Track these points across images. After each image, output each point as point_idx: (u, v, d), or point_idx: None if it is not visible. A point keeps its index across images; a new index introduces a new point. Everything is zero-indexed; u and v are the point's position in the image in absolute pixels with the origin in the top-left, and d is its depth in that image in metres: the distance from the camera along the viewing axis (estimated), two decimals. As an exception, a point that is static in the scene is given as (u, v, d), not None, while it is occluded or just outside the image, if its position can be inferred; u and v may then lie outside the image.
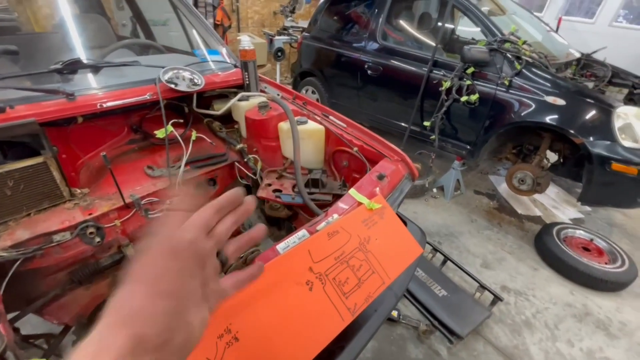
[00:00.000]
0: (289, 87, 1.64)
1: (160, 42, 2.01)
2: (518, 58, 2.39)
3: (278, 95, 1.50)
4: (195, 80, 1.34)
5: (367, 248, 0.83)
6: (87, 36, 1.67)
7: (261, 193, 1.27)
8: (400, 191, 1.10)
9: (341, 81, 3.68)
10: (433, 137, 2.88)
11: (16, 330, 1.14)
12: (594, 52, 3.07)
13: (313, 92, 4.12)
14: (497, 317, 2.02)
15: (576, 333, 1.96)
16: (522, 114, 2.38)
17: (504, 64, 2.44)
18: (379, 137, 1.25)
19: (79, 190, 1.22)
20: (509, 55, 2.42)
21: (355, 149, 1.24)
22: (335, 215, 0.88)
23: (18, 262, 0.99)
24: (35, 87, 1.06)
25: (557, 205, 3.18)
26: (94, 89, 1.20)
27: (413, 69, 2.97)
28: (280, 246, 0.76)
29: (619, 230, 2.95)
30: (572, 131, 2.18)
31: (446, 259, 2.25)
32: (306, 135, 1.30)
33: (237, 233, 0.41)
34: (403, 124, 3.19)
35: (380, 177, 1.06)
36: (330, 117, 1.37)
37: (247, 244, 0.42)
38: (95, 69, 1.26)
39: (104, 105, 1.14)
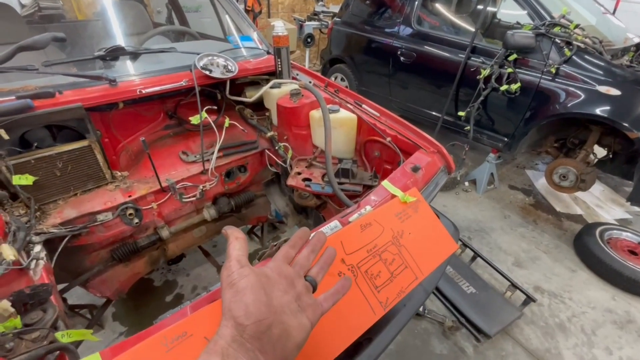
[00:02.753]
0: (318, 72, 1.61)
1: (194, 28, 2.04)
2: (568, 44, 2.20)
3: (310, 82, 1.48)
4: (229, 67, 1.35)
5: (401, 242, 0.80)
6: (126, 23, 1.72)
7: (290, 181, 1.27)
8: (435, 184, 1.06)
9: (372, 68, 3.58)
10: (468, 127, 2.75)
11: (64, 300, 1.24)
12: (657, 36, 2.77)
13: (342, 80, 4.04)
14: (528, 319, 1.93)
15: (616, 340, 1.85)
16: (569, 105, 2.21)
17: (551, 50, 2.25)
18: (414, 127, 1.20)
19: (119, 173, 1.28)
20: (558, 40, 2.23)
21: (389, 139, 1.20)
22: (368, 207, 0.86)
23: (67, 239, 1.06)
24: (81, 74, 1.11)
25: (601, 204, 2.97)
26: (133, 75, 1.24)
27: (449, 55, 2.82)
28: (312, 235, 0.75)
29: (672, 234, 2.70)
30: (626, 124, 1.99)
31: (476, 255, 2.17)
32: (338, 123, 1.27)
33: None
34: (436, 114, 3.06)
35: (415, 170, 1.02)
36: (363, 105, 1.33)
37: (327, 265, 0.51)
38: (135, 55, 1.29)
39: (144, 92, 1.17)
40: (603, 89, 2.07)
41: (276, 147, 1.41)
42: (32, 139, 1.06)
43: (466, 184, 3.02)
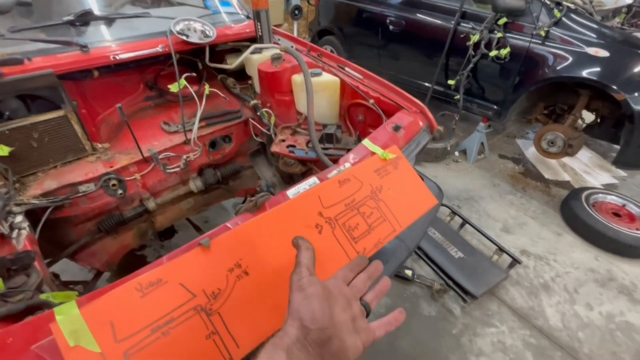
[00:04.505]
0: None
1: None
2: (558, 4, 2.15)
3: (292, 47, 1.44)
4: (207, 32, 1.30)
5: (379, 197, 0.81)
6: None
7: (274, 148, 1.26)
8: (417, 143, 1.06)
9: (361, 39, 3.49)
10: (457, 97, 2.72)
11: (56, 275, 1.24)
12: (650, -3, 2.71)
13: (332, 52, 3.94)
14: (514, 280, 2.00)
15: (597, 297, 1.92)
16: (558, 69, 2.19)
17: (541, 12, 2.21)
18: (398, 89, 1.18)
19: (100, 145, 1.25)
20: (547, 1, 2.17)
21: (372, 101, 1.19)
22: (347, 164, 0.87)
23: (49, 210, 1.05)
24: (51, 39, 1.06)
25: (589, 170, 3.00)
26: (106, 41, 1.19)
27: (439, 22, 2.75)
28: (291, 191, 0.76)
29: (656, 196, 2.76)
30: (614, 86, 1.99)
31: (464, 222, 2.21)
32: (320, 87, 1.25)
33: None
34: (427, 84, 3.02)
35: (396, 129, 1.02)
36: (346, 68, 1.31)
37: (382, 293, 0.52)
38: (108, 21, 1.24)
39: (117, 57, 1.13)
40: (592, 50, 2.05)
41: (259, 113, 1.38)
42: (4, 109, 1.03)
43: (456, 154, 3.03)
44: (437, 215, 2.29)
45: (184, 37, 1.25)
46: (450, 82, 2.73)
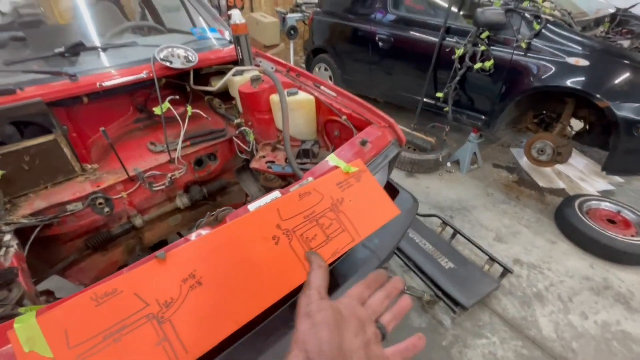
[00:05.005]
0: (303, 66, 1.64)
1: (170, 25, 2.07)
2: (537, 17, 2.21)
3: (272, 68, 1.52)
4: (190, 57, 1.39)
5: (340, 208, 0.85)
6: (99, 23, 1.76)
7: (254, 164, 1.31)
8: (384, 156, 1.10)
9: (353, 56, 3.60)
10: (447, 108, 2.77)
11: (51, 292, 1.30)
12: (632, 6, 2.77)
13: (326, 69, 4.06)
14: (506, 290, 1.98)
15: (592, 306, 1.89)
16: (541, 78, 2.23)
17: (521, 25, 2.27)
18: (368, 105, 1.24)
19: (89, 166, 1.32)
20: (527, 15, 2.24)
21: (344, 117, 1.24)
22: (310, 178, 0.91)
23: (38, 229, 1.11)
24: (40, 70, 1.15)
25: (584, 177, 2.99)
26: (95, 70, 1.28)
27: (425, 37, 2.84)
28: (252, 205, 0.80)
29: (654, 202, 2.73)
30: (595, 94, 2.01)
31: (455, 232, 2.22)
32: (296, 105, 1.31)
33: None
34: (417, 97, 3.08)
35: (363, 143, 1.06)
36: (322, 87, 1.37)
37: (400, 315, 0.46)
38: (98, 52, 1.34)
39: (103, 84, 1.21)
40: (572, 60, 2.09)
41: (238, 131, 1.45)
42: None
43: (448, 164, 3.05)
44: (428, 226, 2.31)
45: (167, 63, 1.33)
46: (439, 94, 2.78)
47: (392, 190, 1.33)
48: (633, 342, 1.72)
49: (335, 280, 0.96)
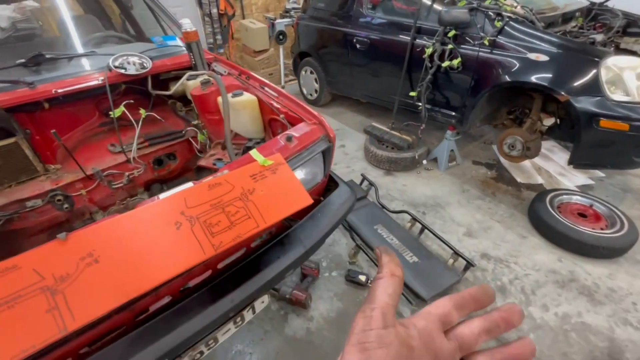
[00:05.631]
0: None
1: (149, 34, 2.20)
2: (499, 15, 2.25)
3: (225, 72, 1.61)
4: (144, 64, 1.49)
5: (249, 198, 0.92)
6: (80, 35, 1.89)
7: (201, 162, 1.40)
8: (311, 151, 1.17)
9: (334, 59, 3.68)
10: (421, 107, 2.82)
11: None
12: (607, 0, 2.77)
13: (312, 72, 4.15)
14: (470, 283, 2.01)
15: (554, 298, 1.90)
16: (507, 74, 2.26)
17: (485, 23, 2.31)
18: (302, 104, 1.31)
19: (52, 166, 1.44)
20: (490, 13, 2.28)
21: (282, 115, 1.32)
22: (226, 171, 0.99)
23: (0, 223, 1.22)
24: (0, 79, 1.27)
25: (564, 172, 2.98)
26: (54, 78, 1.39)
27: (398, 38, 2.90)
28: (163, 194, 0.89)
29: (634, 195, 2.71)
30: (555, 88, 2.04)
31: (423, 227, 2.26)
32: (241, 105, 1.40)
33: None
34: (394, 96, 3.13)
35: (289, 139, 1.14)
36: (266, 88, 1.45)
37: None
38: (58, 60, 1.45)
39: (58, 91, 1.32)
40: (533, 55, 2.12)
41: (187, 129, 1.54)
42: (-37, 139, 1.23)
43: (424, 162, 3.08)
44: (399, 222, 2.35)
45: (122, 70, 1.44)
46: (412, 93, 2.83)
47: (332, 182, 1.39)
48: (592, 334, 1.72)
49: (257, 268, 1.03)
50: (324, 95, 4.09)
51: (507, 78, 2.24)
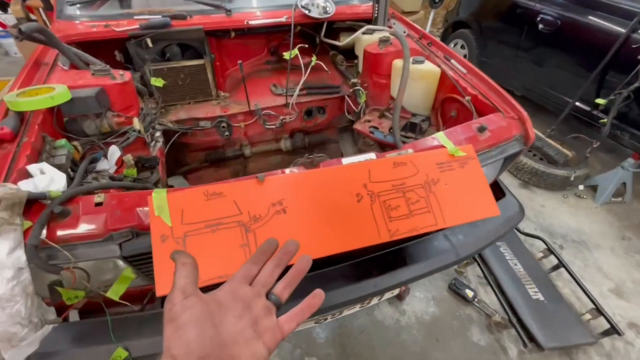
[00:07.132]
0: (437, 38, 1.53)
1: None
2: None
3: (404, 32, 1.44)
4: (327, 9, 1.42)
5: (432, 189, 0.81)
6: None
7: (357, 126, 1.32)
8: (501, 150, 0.97)
9: (500, 36, 3.12)
10: (604, 120, 2.22)
11: (172, 188, 1.64)
12: None
13: (462, 47, 3.65)
14: (604, 351, 1.63)
15: None
16: None
17: None
18: (500, 90, 1.09)
19: (222, 93, 1.54)
20: None
21: (468, 97, 1.12)
22: (410, 150, 0.87)
23: (177, 134, 1.38)
24: (205, 1, 1.35)
25: None
26: (245, 8, 1.43)
27: (608, 25, 2.24)
28: (346, 160, 0.83)
29: None
30: None
31: (560, 264, 1.88)
32: (419, 75, 1.24)
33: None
34: (568, 99, 2.53)
35: (481, 129, 0.95)
36: (452, 60, 1.25)
37: (295, 279, 0.42)
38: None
39: (250, 23, 1.35)
40: None
41: (351, 91, 1.45)
42: (168, 52, 1.38)
43: (581, 187, 2.50)
44: (528, 249, 2.01)
45: (306, 11, 1.39)
46: (600, 101, 2.23)
47: (497, 190, 1.18)
48: None
49: (404, 261, 0.94)
50: (467, 77, 3.59)
51: None
